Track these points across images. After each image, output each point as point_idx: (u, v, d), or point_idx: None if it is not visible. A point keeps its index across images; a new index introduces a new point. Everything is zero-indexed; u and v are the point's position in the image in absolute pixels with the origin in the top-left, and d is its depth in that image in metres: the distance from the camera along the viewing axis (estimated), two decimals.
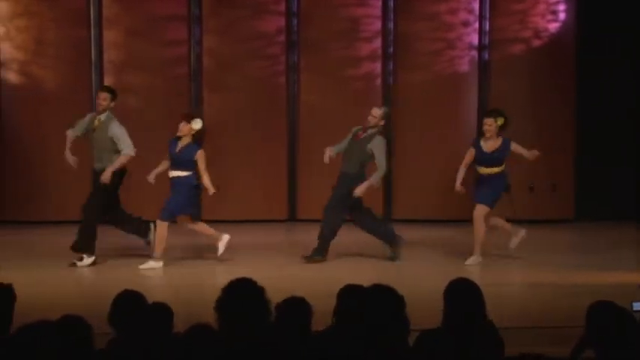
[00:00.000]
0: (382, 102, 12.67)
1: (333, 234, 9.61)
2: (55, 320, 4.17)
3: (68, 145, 9.46)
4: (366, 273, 8.62)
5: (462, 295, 4.69)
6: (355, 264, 9.58)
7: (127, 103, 11.93)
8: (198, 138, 9.41)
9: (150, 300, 4.68)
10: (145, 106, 12.28)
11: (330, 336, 4.51)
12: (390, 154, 12.61)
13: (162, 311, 4.47)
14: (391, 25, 12.69)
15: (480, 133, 9.81)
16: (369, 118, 9.74)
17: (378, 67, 12.67)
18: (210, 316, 4.34)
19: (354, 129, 9.90)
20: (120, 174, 9.43)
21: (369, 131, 9.71)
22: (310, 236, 9.80)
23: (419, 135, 12.44)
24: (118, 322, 4.56)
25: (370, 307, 4.46)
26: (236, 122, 12.54)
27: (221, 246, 9.57)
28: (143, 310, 4.55)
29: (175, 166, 9.34)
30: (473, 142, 9.83)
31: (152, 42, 12.33)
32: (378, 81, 12.66)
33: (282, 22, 12.60)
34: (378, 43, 12.64)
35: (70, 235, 9.44)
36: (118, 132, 9.29)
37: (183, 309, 4.91)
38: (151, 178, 9.42)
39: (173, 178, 9.35)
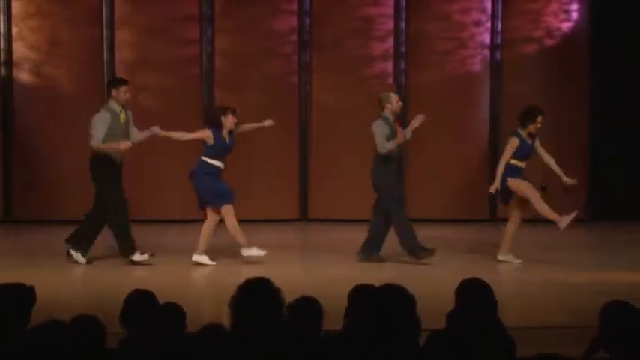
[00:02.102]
0: None
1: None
2: (70, 320, 4.17)
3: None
4: (382, 273, 8.58)
5: (474, 294, 4.67)
6: (372, 264, 9.51)
7: (140, 103, 11.92)
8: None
9: (161, 300, 4.67)
10: (158, 106, 12.28)
11: (341, 336, 4.50)
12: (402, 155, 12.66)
13: (174, 311, 4.46)
14: (403, 24, 12.67)
15: (514, 130, 9.40)
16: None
17: (390, 66, 12.65)
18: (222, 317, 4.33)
19: (387, 125, 9.46)
20: (106, 164, 9.14)
21: None
22: (323, 236, 9.70)
23: (431, 134, 12.40)
24: (130, 321, 4.56)
25: (380, 307, 4.44)
26: (248, 121, 12.50)
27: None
28: (155, 309, 4.55)
29: (225, 157, 9.31)
30: (513, 132, 9.38)
31: (164, 42, 12.34)
32: (390, 80, 12.64)
33: (294, 21, 12.59)
34: (390, 42, 12.63)
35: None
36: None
37: (195, 309, 4.89)
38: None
39: (223, 169, 9.28)
